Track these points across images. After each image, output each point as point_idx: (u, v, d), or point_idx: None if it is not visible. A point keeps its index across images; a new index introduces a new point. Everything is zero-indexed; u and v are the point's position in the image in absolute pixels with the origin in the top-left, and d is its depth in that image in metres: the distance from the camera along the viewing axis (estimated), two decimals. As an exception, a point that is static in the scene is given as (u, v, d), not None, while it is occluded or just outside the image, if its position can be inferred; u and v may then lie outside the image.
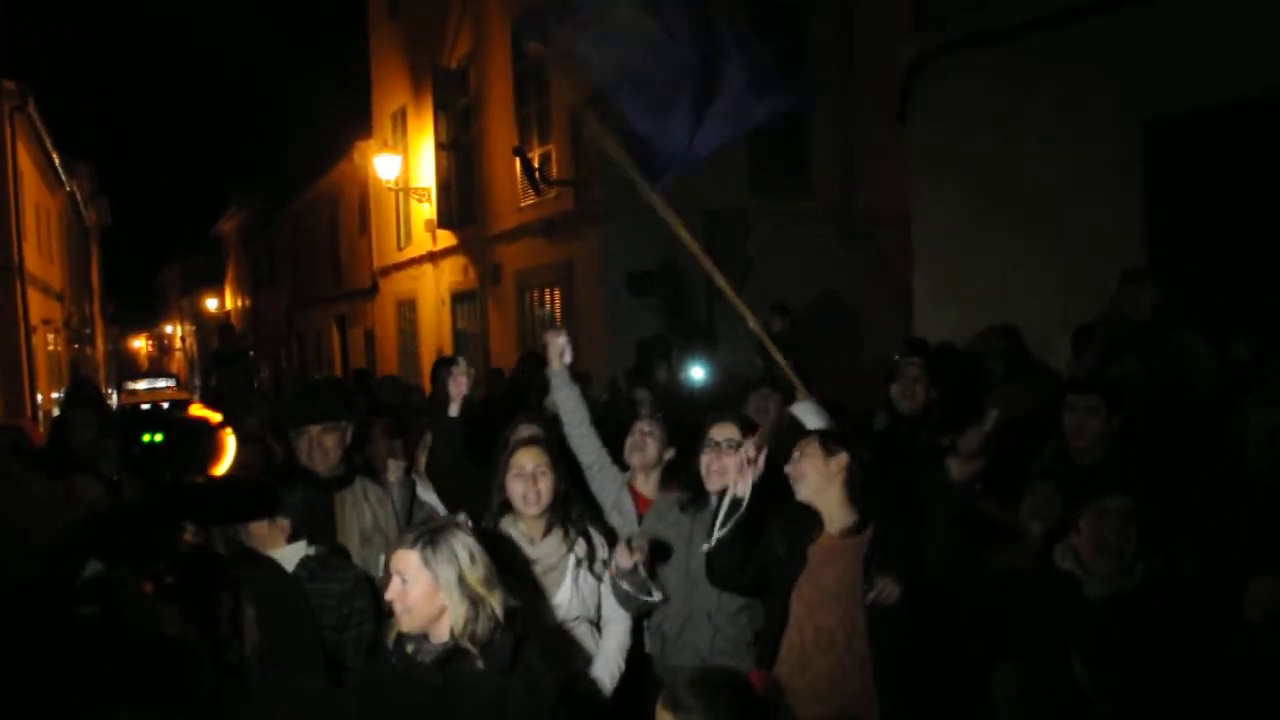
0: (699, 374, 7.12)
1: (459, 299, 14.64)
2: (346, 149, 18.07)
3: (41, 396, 16.97)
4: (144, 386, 30.12)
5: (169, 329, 52.87)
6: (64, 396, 14.47)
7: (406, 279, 16.48)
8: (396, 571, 2.40)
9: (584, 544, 3.22)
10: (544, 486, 3.15)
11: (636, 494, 3.65)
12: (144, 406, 20.54)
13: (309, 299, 23.27)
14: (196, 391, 28.63)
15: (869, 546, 2.90)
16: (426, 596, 2.37)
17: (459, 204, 13.91)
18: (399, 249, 16.75)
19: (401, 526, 3.73)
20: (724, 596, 3.18)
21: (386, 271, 17.52)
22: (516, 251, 12.44)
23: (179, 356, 49.08)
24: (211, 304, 37.87)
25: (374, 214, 17.93)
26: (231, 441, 2.29)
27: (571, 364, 3.76)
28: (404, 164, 15.24)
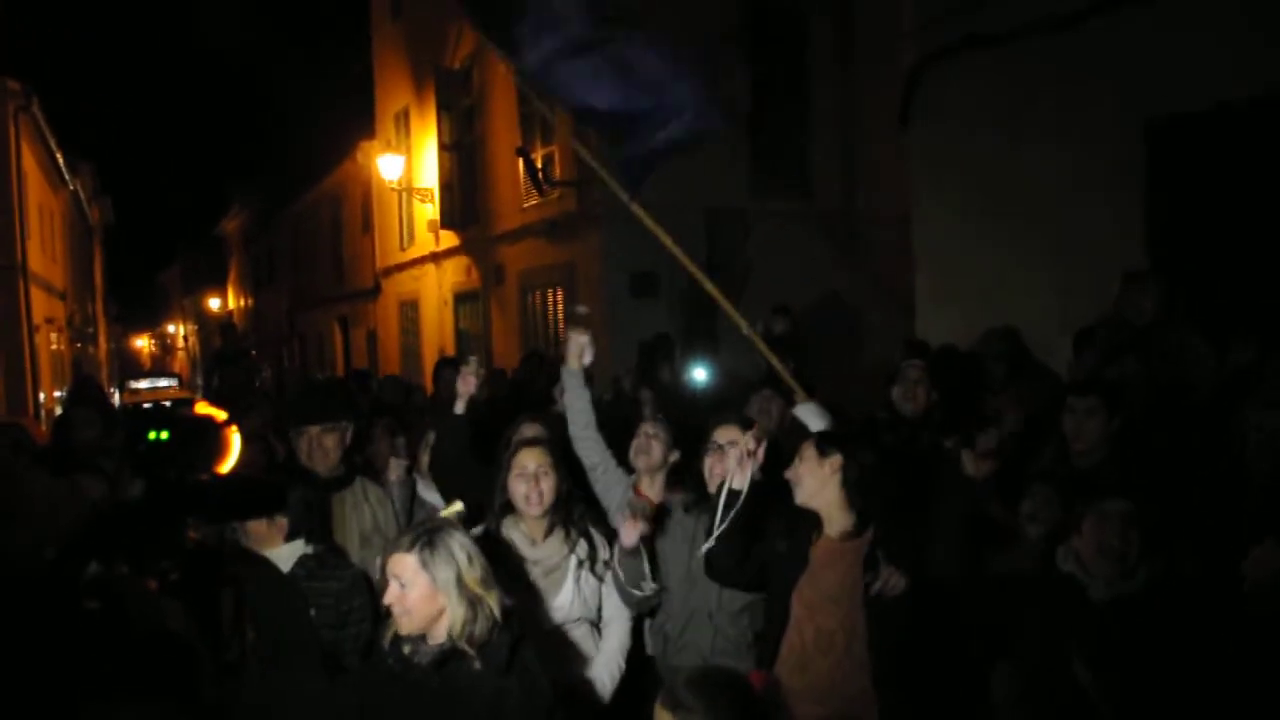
0: (701, 375, 7.11)
1: (462, 299, 14.64)
2: (349, 149, 18.07)
3: (44, 395, 17.00)
4: (146, 386, 30.08)
5: (171, 328, 52.91)
6: (67, 395, 14.48)
7: (409, 279, 16.48)
8: (394, 575, 2.40)
9: (585, 545, 3.23)
10: (546, 487, 3.15)
11: (642, 496, 3.66)
12: (146, 406, 20.56)
13: (311, 299, 23.26)
14: (199, 391, 28.67)
15: (869, 548, 2.91)
16: (425, 598, 2.38)
17: (462, 204, 13.91)
18: (402, 249, 16.76)
19: (402, 527, 3.74)
20: (725, 597, 3.19)
21: (389, 272, 17.52)
22: (519, 252, 12.44)
23: (181, 356, 49.12)
24: (214, 303, 37.91)
25: (377, 214, 17.94)
26: (236, 439, 2.31)
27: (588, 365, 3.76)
28: (407, 164, 15.24)
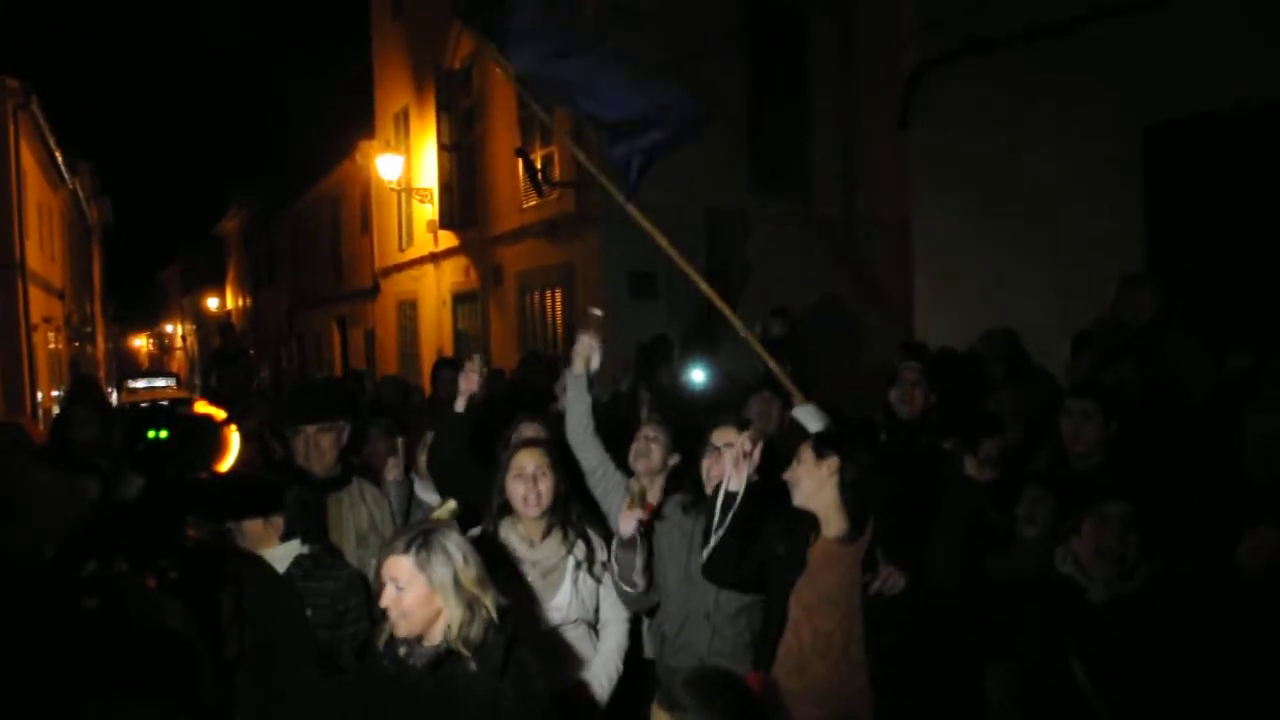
0: (699, 377, 7.11)
1: (460, 300, 14.63)
2: (349, 149, 18.05)
3: (42, 394, 16.98)
4: (144, 385, 30.01)
5: (169, 328, 52.86)
6: (65, 394, 14.47)
7: (408, 279, 16.47)
8: (390, 578, 2.38)
9: (583, 546, 3.23)
10: (544, 488, 3.15)
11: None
12: (144, 405, 20.52)
13: (310, 299, 23.24)
14: (197, 391, 28.63)
15: (868, 549, 2.90)
16: (422, 600, 2.37)
17: (461, 205, 13.90)
18: (400, 249, 16.75)
19: (398, 527, 3.73)
20: (722, 598, 3.19)
21: (388, 272, 17.51)
22: (518, 253, 12.44)
23: (179, 356, 49.07)
24: (212, 303, 37.88)
25: (376, 214, 17.93)
26: (235, 438, 2.31)
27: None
28: (406, 164, 15.23)
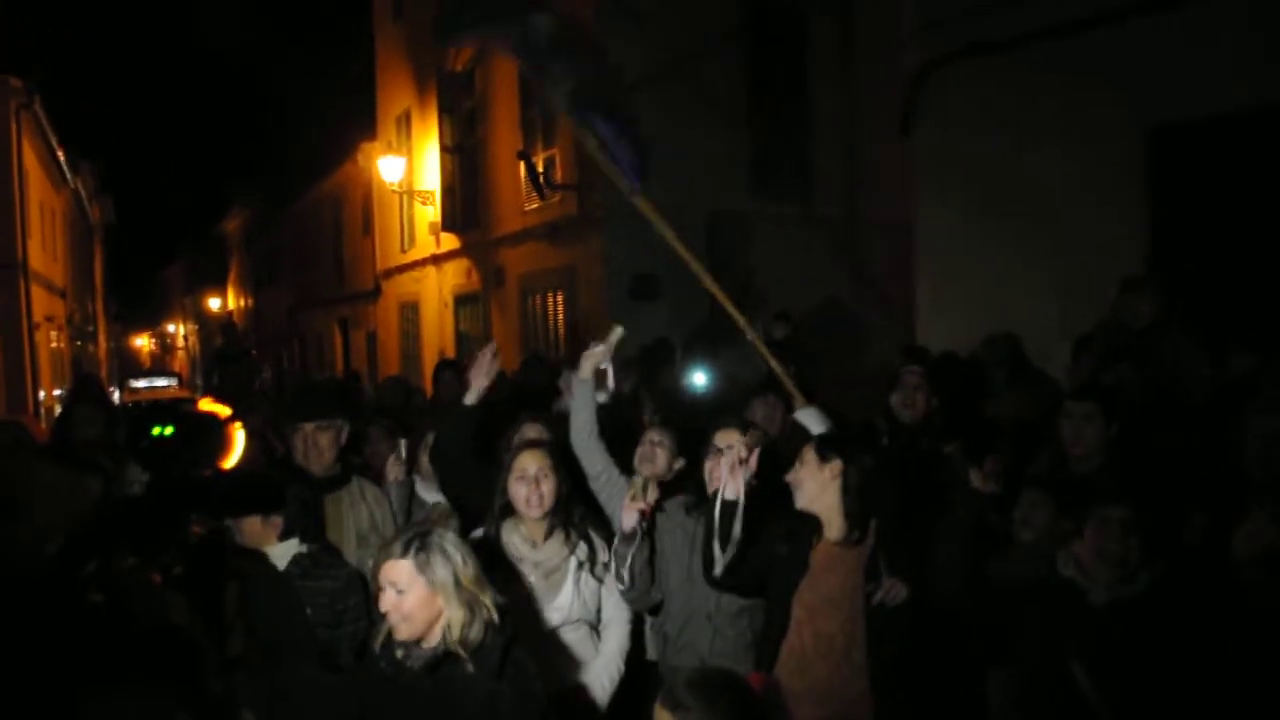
0: (701, 379, 7.11)
1: (462, 302, 14.64)
2: (351, 150, 18.07)
3: (44, 394, 16.99)
4: (146, 385, 30.03)
5: (171, 328, 52.92)
6: (68, 393, 14.48)
7: (410, 281, 16.48)
8: (389, 582, 2.38)
9: (585, 547, 3.23)
10: (547, 489, 3.15)
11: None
12: (145, 404, 20.54)
13: (312, 300, 23.26)
14: (198, 390, 28.66)
15: (871, 554, 2.90)
16: (424, 603, 2.37)
17: (463, 207, 13.92)
18: (402, 251, 16.76)
19: (399, 526, 3.73)
20: (723, 598, 3.19)
21: (390, 273, 17.52)
22: (520, 255, 12.45)
23: (181, 355, 49.12)
24: (214, 303, 37.90)
25: (378, 216, 17.94)
26: (240, 435, 2.32)
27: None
28: (408, 166, 15.24)
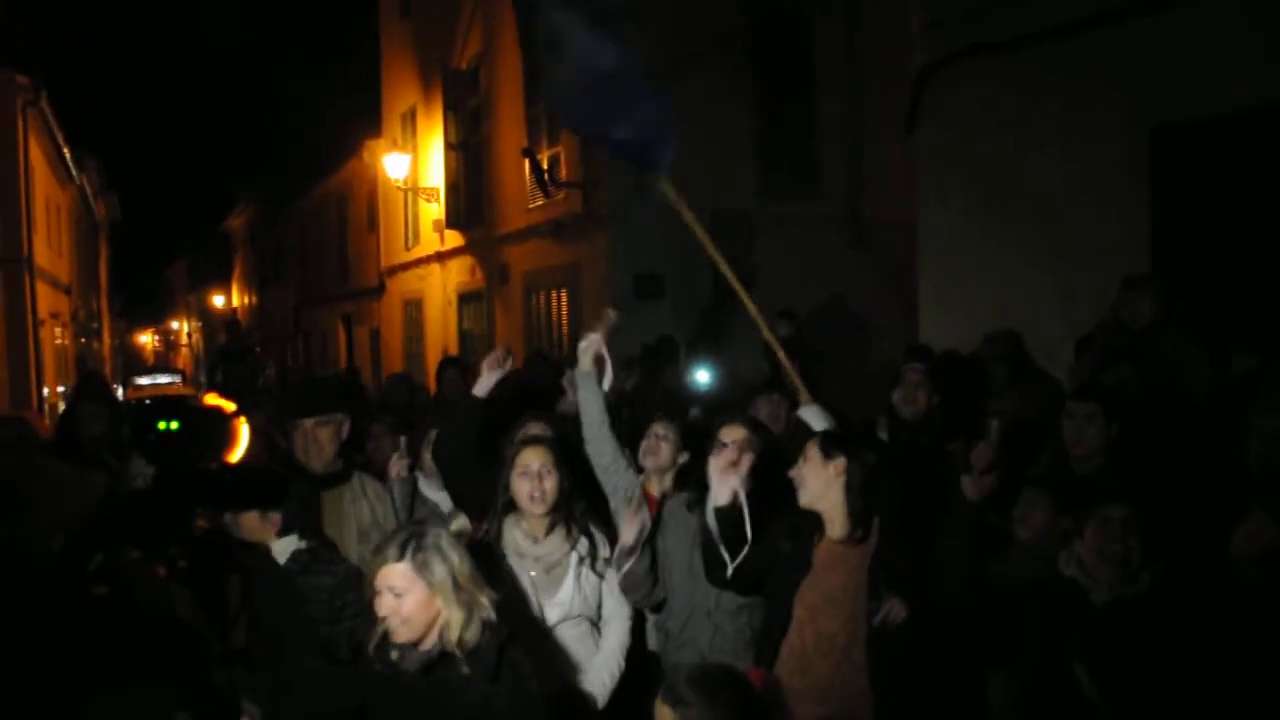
0: (704, 377, 7.12)
1: (466, 299, 14.66)
2: (356, 148, 18.09)
3: (48, 390, 17.03)
4: (149, 382, 30.07)
5: (175, 325, 53.02)
6: (73, 389, 14.51)
7: (414, 278, 16.50)
8: (386, 587, 2.37)
9: (586, 542, 3.24)
10: (549, 485, 3.16)
11: (650, 496, 3.67)
12: (148, 402, 20.55)
13: (316, 297, 23.30)
14: (202, 388, 28.69)
15: (874, 557, 2.91)
16: (423, 605, 2.36)
17: (467, 204, 13.93)
18: (407, 248, 16.78)
19: (401, 523, 3.74)
20: (724, 595, 3.19)
21: (394, 271, 17.54)
22: (524, 253, 12.46)
23: (185, 352, 49.21)
24: (218, 300, 37.98)
25: (382, 213, 17.96)
26: (245, 430, 2.33)
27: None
28: (413, 163, 15.25)
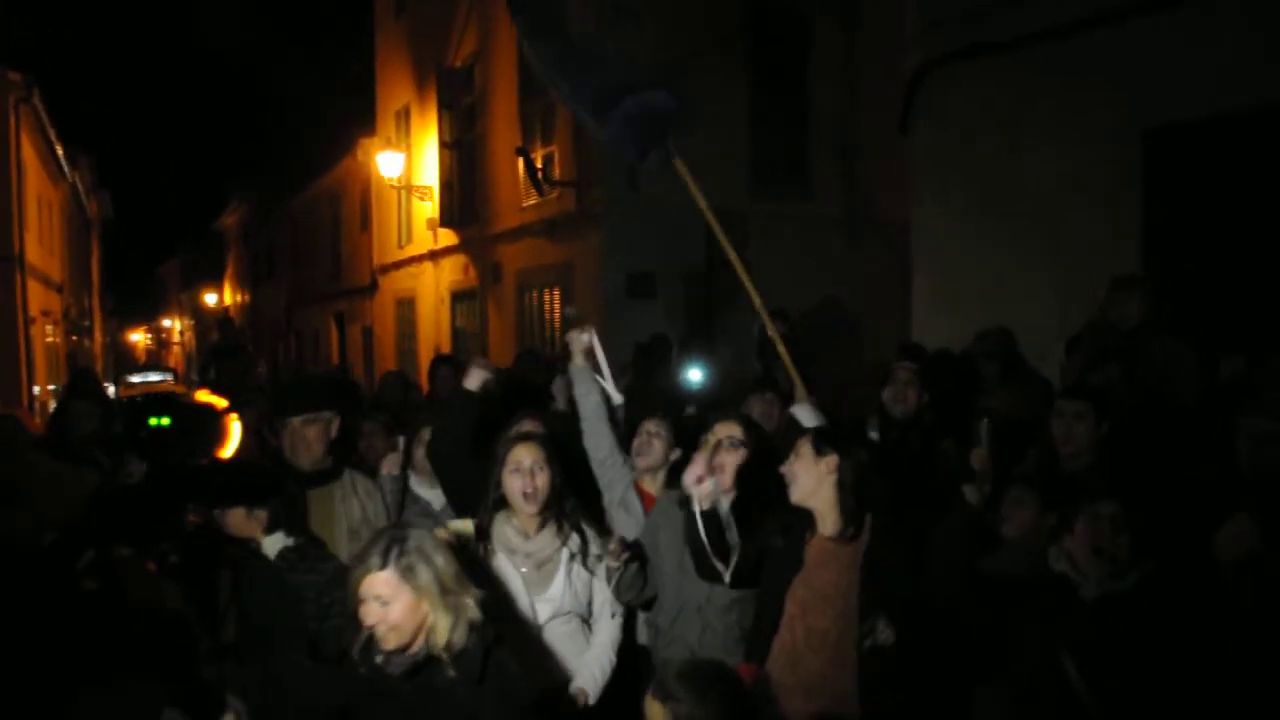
0: (697, 376, 7.12)
1: (459, 298, 14.64)
2: (350, 146, 18.05)
3: (38, 388, 16.96)
4: (142, 380, 29.98)
5: (167, 323, 52.86)
6: (65, 387, 14.44)
7: (406, 277, 16.48)
8: (373, 596, 2.36)
9: (577, 538, 3.25)
10: (541, 482, 3.16)
11: (643, 493, 3.70)
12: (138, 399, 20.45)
13: (308, 295, 23.25)
14: (194, 385, 28.59)
15: (866, 554, 2.91)
16: (410, 610, 2.36)
17: (461, 203, 13.92)
18: (400, 247, 16.76)
19: (391, 521, 3.73)
20: (714, 591, 3.20)
21: (386, 269, 17.52)
22: (517, 251, 12.45)
23: (177, 351, 49.06)
24: (211, 299, 37.88)
25: (376, 211, 17.93)
26: (236, 426, 2.32)
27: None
28: (407, 162, 15.23)
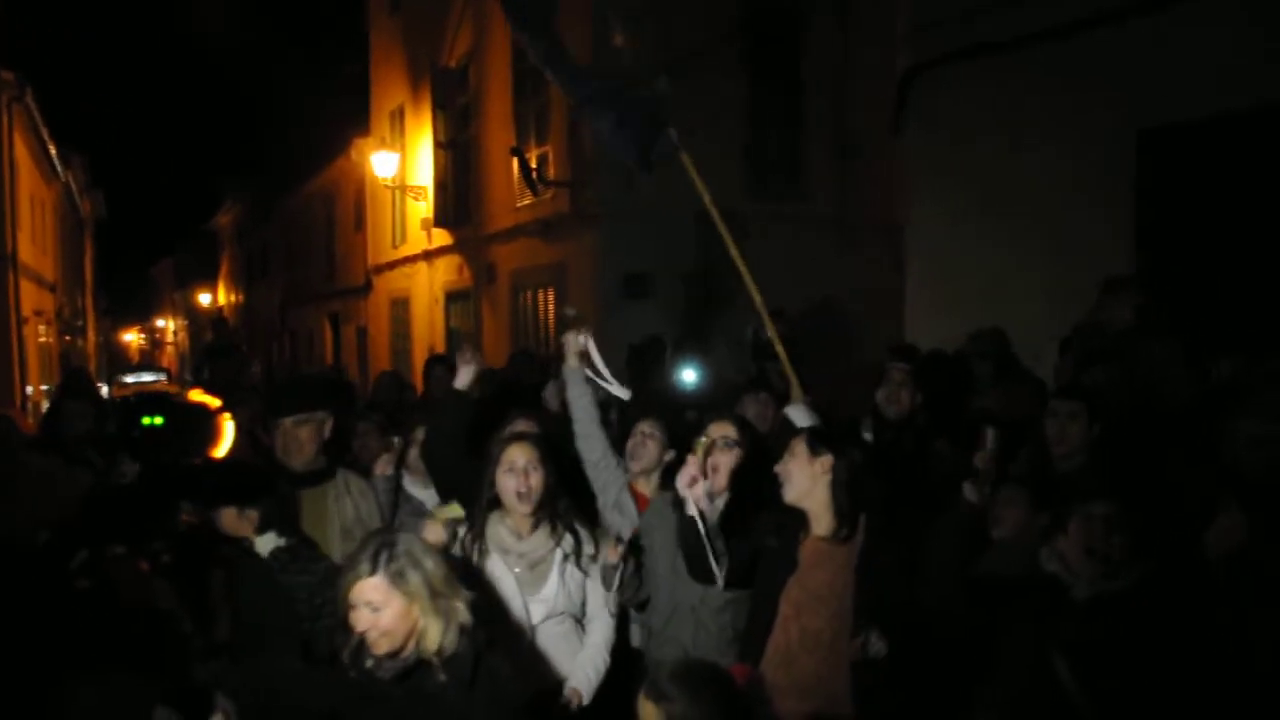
0: (691, 377, 7.13)
1: (453, 298, 14.62)
2: (344, 146, 18.00)
3: (31, 388, 16.91)
4: (135, 380, 29.92)
5: (161, 323, 52.71)
6: (58, 387, 14.41)
7: (401, 277, 16.45)
8: (364, 602, 2.35)
9: (571, 539, 3.25)
10: (535, 482, 3.17)
11: (637, 494, 3.70)
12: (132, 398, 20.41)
13: (303, 295, 23.21)
14: (187, 385, 28.54)
15: (860, 555, 2.91)
16: (401, 616, 2.36)
17: (455, 203, 13.89)
18: (394, 247, 16.73)
19: (385, 520, 3.74)
20: (708, 593, 3.20)
21: (381, 269, 17.49)
22: (512, 251, 12.43)
23: (170, 350, 48.93)
24: (204, 299, 37.78)
25: (370, 211, 17.90)
26: (229, 426, 2.32)
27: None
28: (401, 162, 15.20)
